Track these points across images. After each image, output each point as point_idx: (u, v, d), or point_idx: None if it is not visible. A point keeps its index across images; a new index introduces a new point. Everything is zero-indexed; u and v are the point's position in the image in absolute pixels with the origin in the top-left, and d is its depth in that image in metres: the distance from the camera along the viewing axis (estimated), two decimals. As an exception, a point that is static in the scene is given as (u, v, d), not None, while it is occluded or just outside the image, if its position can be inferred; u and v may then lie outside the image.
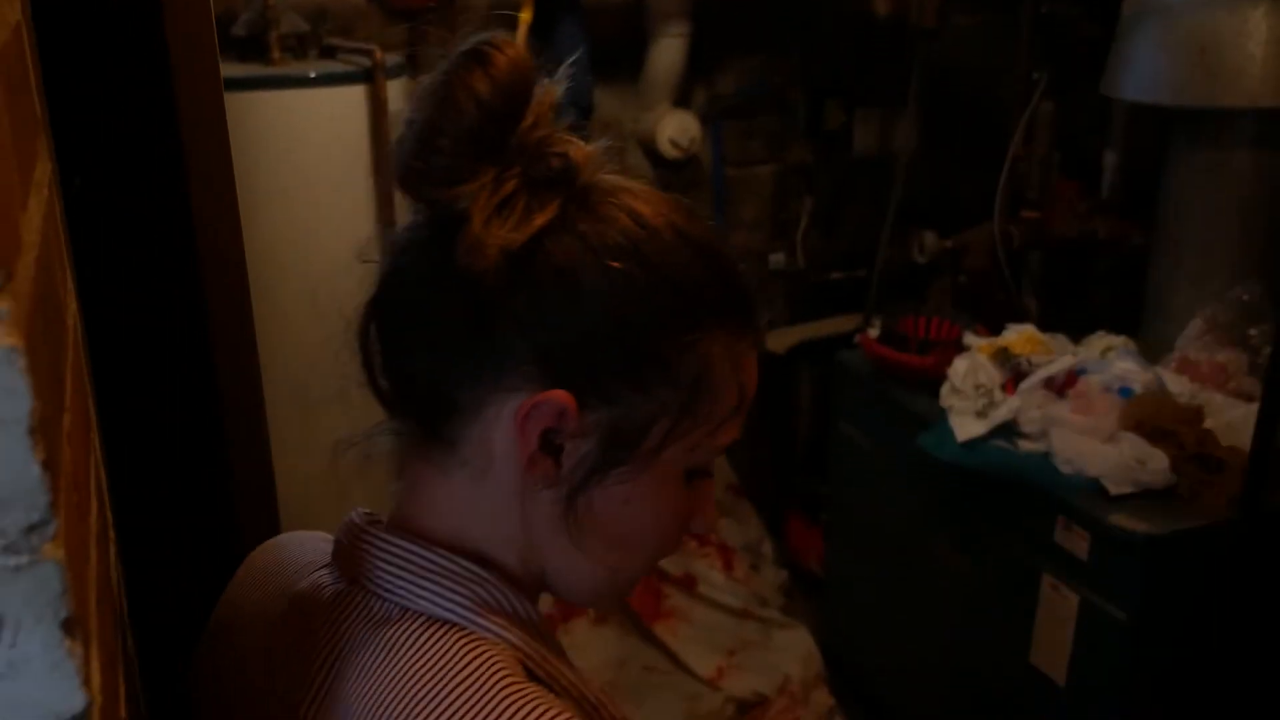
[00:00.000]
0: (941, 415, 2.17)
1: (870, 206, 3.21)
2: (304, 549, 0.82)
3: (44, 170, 0.62)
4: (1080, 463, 1.93)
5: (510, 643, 0.68)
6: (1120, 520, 1.85)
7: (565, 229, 0.67)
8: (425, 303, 0.70)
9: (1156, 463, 1.90)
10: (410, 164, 0.67)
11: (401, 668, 0.65)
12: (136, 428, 0.97)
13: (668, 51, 2.94)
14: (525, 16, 2.74)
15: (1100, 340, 2.27)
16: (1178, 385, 2.06)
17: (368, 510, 0.77)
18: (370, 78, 2.23)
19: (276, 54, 2.27)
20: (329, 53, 2.39)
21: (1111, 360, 2.13)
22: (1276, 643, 1.95)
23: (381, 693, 0.64)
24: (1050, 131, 2.69)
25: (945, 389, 2.21)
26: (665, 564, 2.95)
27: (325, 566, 0.76)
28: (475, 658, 0.64)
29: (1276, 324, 1.77)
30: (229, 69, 2.17)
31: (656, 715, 2.67)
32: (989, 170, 2.71)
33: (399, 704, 0.63)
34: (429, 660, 0.65)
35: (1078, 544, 1.92)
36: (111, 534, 0.78)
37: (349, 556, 0.73)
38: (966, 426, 2.10)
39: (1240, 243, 2.12)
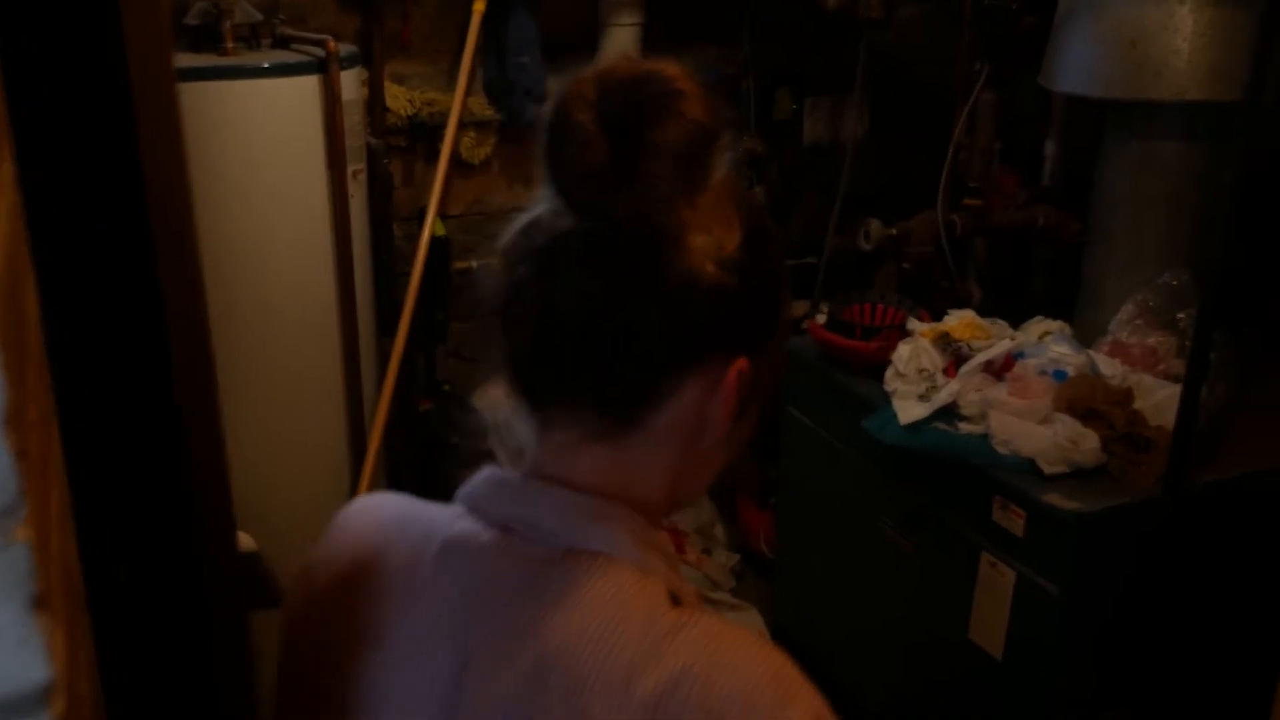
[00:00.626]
0: (886, 399, 2.23)
1: (820, 195, 3.27)
2: (414, 505, 0.89)
3: (7, 172, 0.65)
4: (1016, 444, 2.00)
5: (661, 572, 0.77)
6: (1054, 499, 1.92)
7: (746, 226, 0.76)
8: (626, 317, 0.73)
9: (1088, 443, 1.97)
10: (605, 181, 0.70)
11: (586, 599, 0.73)
12: (91, 415, 1.00)
13: (620, 40, 2.96)
14: (479, 6, 2.76)
15: (1038, 325, 2.33)
16: (1110, 368, 2.13)
17: (499, 468, 0.85)
18: (324, 68, 2.25)
19: (230, 44, 2.28)
20: (283, 43, 2.40)
21: (1048, 344, 2.20)
22: (1201, 612, 2.03)
23: (573, 621, 0.72)
24: (992, 121, 2.75)
25: (889, 373, 2.27)
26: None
27: (463, 516, 0.82)
28: (644, 589, 0.74)
29: (1201, 309, 1.84)
30: (182, 59, 2.19)
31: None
32: (933, 159, 2.77)
33: (593, 628, 0.72)
34: (608, 591, 0.74)
35: (1014, 522, 1.99)
36: (70, 518, 0.81)
37: (498, 506, 0.81)
38: (909, 410, 2.16)
39: (1169, 231, 2.19)
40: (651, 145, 0.70)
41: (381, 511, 0.90)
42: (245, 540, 2.21)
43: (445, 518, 0.83)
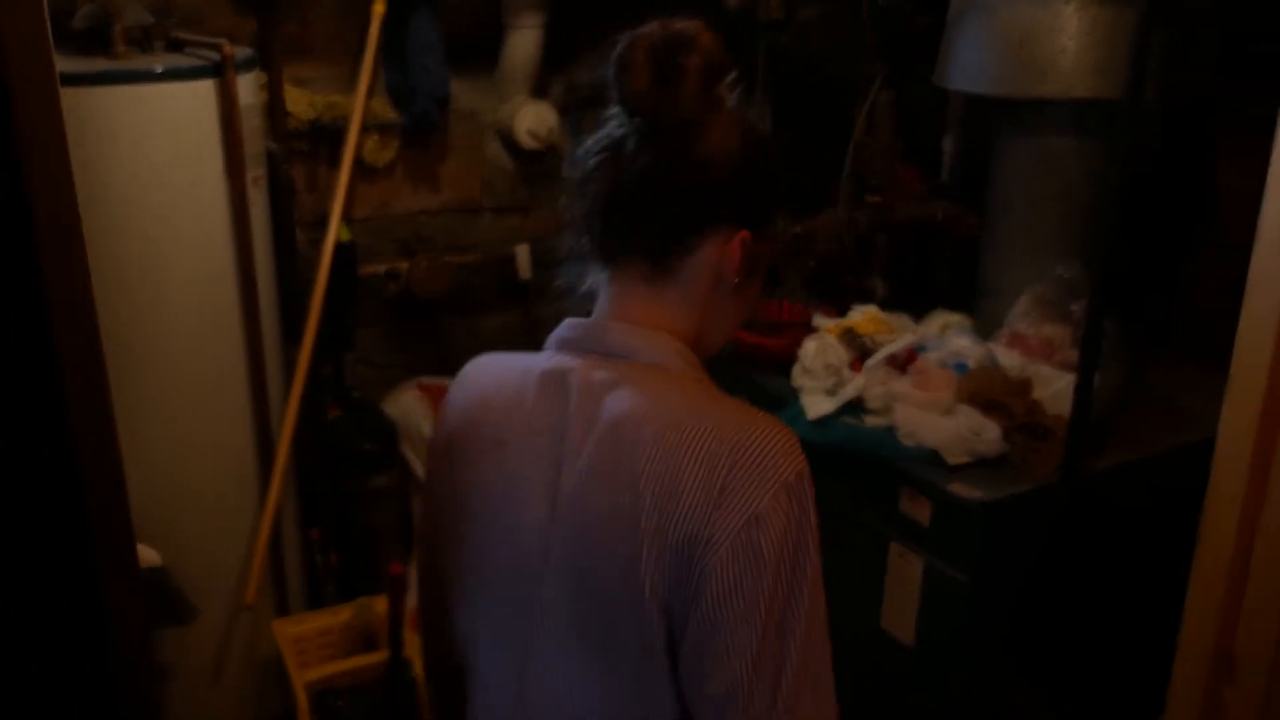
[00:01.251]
0: (794, 395, 2.26)
1: (726, 194, 3.29)
2: (512, 355, 1.21)
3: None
4: (920, 435, 2.04)
5: (694, 374, 1.11)
6: (958, 488, 1.97)
7: (747, 133, 1.10)
8: (668, 176, 1.07)
9: (989, 433, 2.02)
10: (647, 92, 1.06)
11: (647, 386, 1.07)
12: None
13: (523, 42, 2.96)
14: (379, 9, 2.73)
15: (939, 318, 2.38)
16: (1009, 359, 2.18)
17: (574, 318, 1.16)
18: (220, 72, 2.20)
19: (120, 47, 2.22)
20: (176, 46, 2.35)
21: (949, 337, 2.25)
22: (1101, 593, 2.10)
23: (635, 398, 1.05)
24: (891, 120, 2.80)
25: (796, 369, 2.30)
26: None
27: (554, 354, 1.15)
28: (684, 380, 1.09)
29: (1091, 300, 1.90)
30: (69, 63, 2.13)
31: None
32: (835, 157, 2.81)
33: (647, 400, 1.05)
34: (661, 382, 1.08)
35: (920, 512, 2.03)
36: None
37: (578, 338, 1.14)
38: (817, 405, 2.19)
39: (1061, 225, 2.25)
40: (680, 68, 1.06)
41: (491, 363, 1.22)
42: (151, 556, 2.17)
43: (541, 357, 1.16)
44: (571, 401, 1.09)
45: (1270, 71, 1.74)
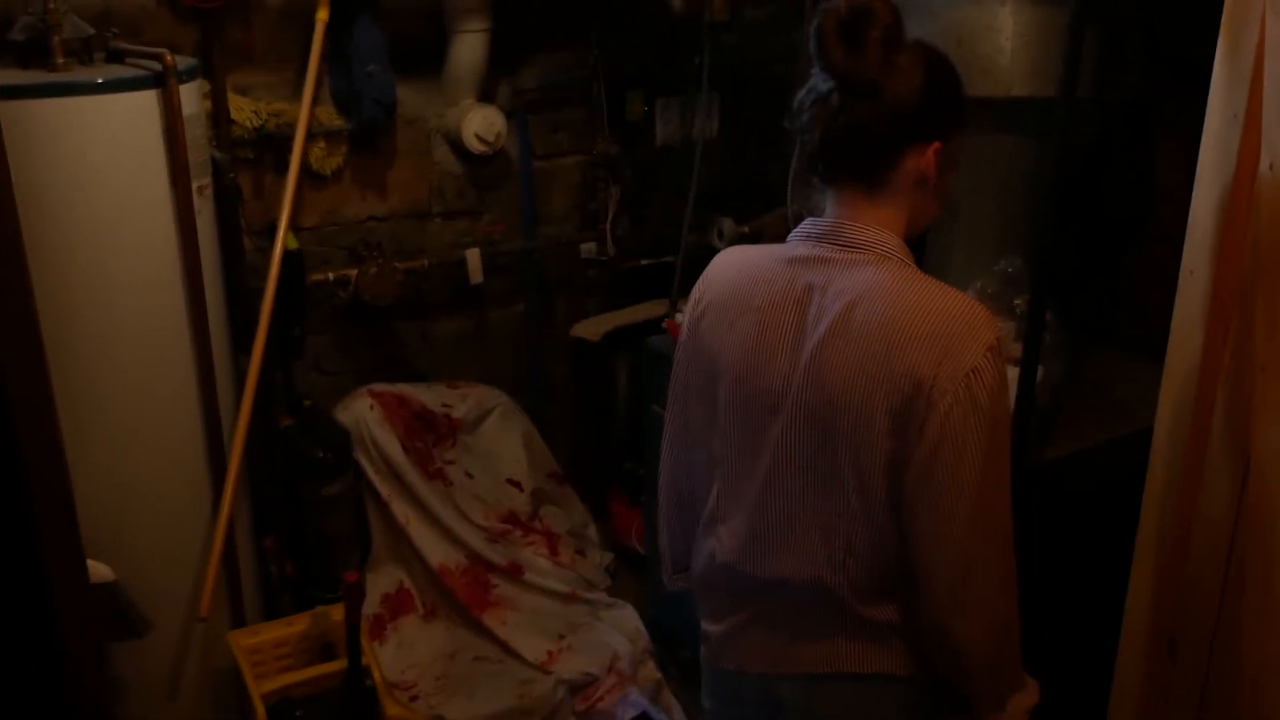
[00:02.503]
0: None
1: (675, 195, 3.32)
2: (757, 247, 1.54)
3: None
4: (869, 431, 2.07)
5: (909, 260, 1.43)
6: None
7: (928, 66, 1.38)
8: (866, 122, 1.36)
9: (936, 427, 2.05)
10: (842, 59, 1.34)
11: (879, 269, 1.39)
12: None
13: (468, 47, 2.96)
14: (322, 15, 2.72)
15: (886, 315, 2.41)
16: (954, 354, 2.21)
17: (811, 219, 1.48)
18: (162, 82, 2.18)
19: (60, 59, 2.19)
20: (117, 57, 2.32)
21: (895, 333, 2.27)
22: (1046, 583, 2.14)
23: (871, 277, 1.37)
24: (836, 119, 2.83)
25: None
26: (491, 554, 2.99)
27: (802, 244, 1.45)
28: (905, 265, 1.41)
29: (1032, 294, 1.94)
30: (8, 76, 2.11)
31: (489, 704, 2.72)
32: (783, 156, 2.84)
33: (878, 281, 1.37)
34: (891, 267, 1.39)
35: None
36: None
37: (819, 233, 1.44)
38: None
39: (1002, 220, 2.29)
40: (864, 39, 1.33)
41: (743, 252, 1.55)
42: (103, 570, 2.15)
43: (786, 246, 1.47)
44: (818, 278, 1.41)
45: (1196, 72, 1.79)
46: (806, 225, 1.46)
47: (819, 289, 1.40)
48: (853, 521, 1.39)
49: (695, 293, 1.56)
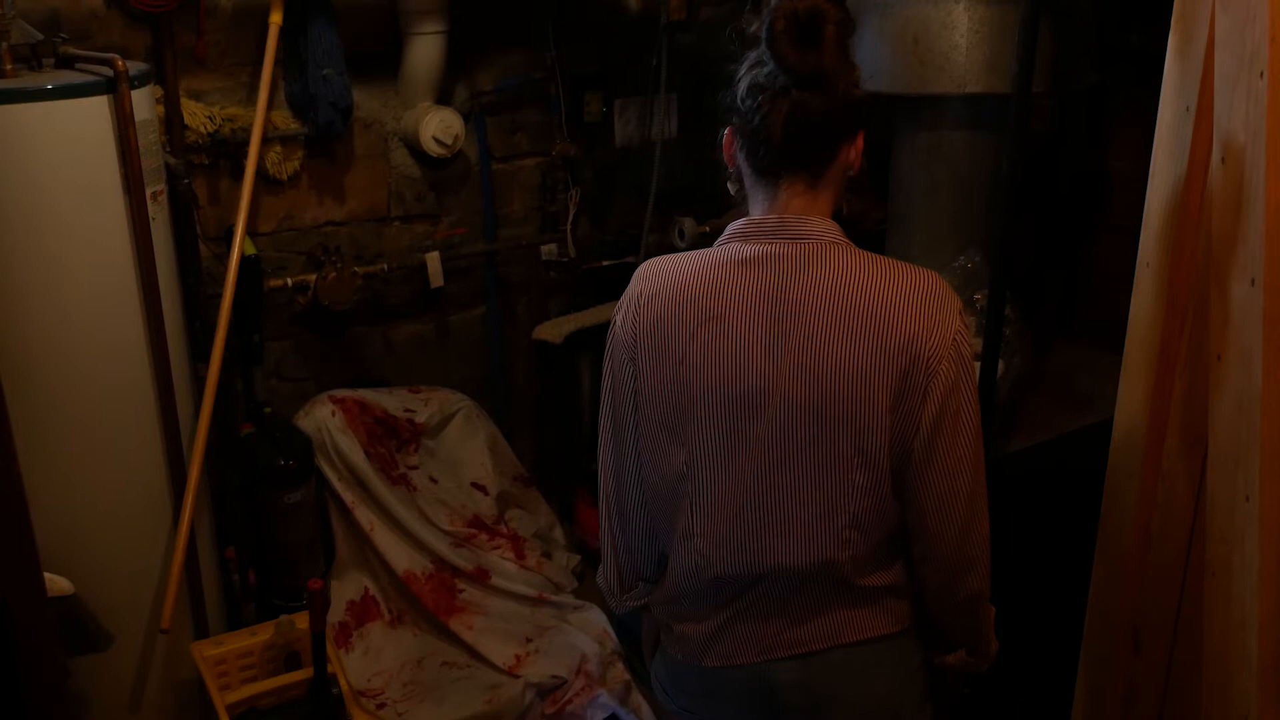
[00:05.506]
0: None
1: (635, 195, 3.32)
2: (684, 255, 1.53)
3: None
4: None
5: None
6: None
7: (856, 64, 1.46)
8: (825, 115, 1.40)
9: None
10: (800, 57, 1.37)
11: (834, 258, 1.43)
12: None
13: (425, 49, 2.94)
14: (275, 19, 2.70)
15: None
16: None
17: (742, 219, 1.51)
18: (113, 88, 2.15)
19: (8, 66, 2.16)
20: (67, 62, 2.29)
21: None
22: (1011, 575, 2.15)
23: (830, 267, 1.42)
24: (794, 117, 2.84)
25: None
26: (457, 559, 2.98)
27: (736, 245, 1.48)
28: (852, 249, 1.47)
29: (992, 287, 1.95)
30: (-46, 84, 2.07)
31: (457, 710, 2.70)
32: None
33: (835, 269, 1.42)
34: (846, 253, 1.45)
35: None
36: None
37: (762, 231, 1.46)
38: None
39: (960, 215, 2.31)
40: (817, 36, 1.37)
41: (671, 262, 1.52)
42: (62, 584, 2.12)
43: (721, 250, 1.49)
44: (777, 275, 1.44)
45: (1146, 63, 1.81)
46: (742, 225, 1.49)
47: (782, 286, 1.43)
48: (859, 499, 1.44)
49: (629, 309, 1.54)
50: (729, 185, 1.55)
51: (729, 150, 1.53)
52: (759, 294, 1.44)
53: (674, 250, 2.95)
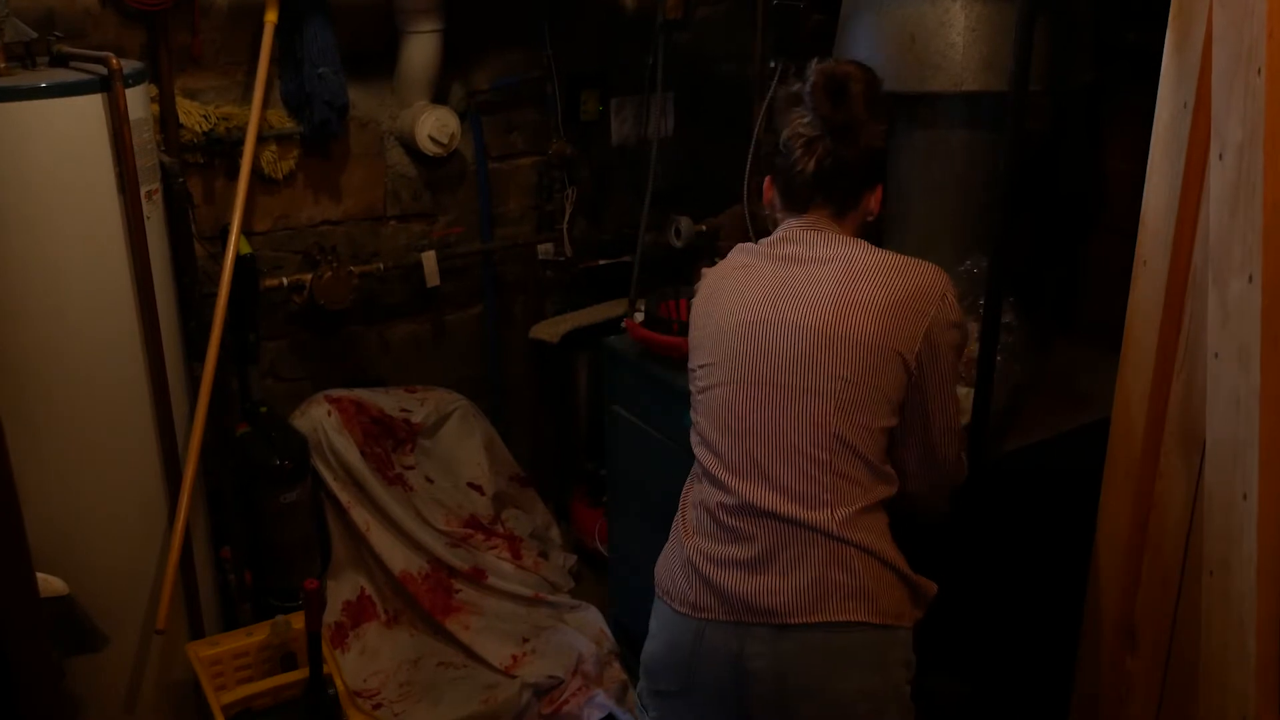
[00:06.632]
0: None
1: (631, 194, 3.32)
2: (740, 251, 1.87)
3: None
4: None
5: None
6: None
7: (884, 123, 1.78)
8: (852, 160, 1.72)
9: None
10: (832, 109, 1.70)
11: (868, 252, 1.73)
12: None
13: (421, 48, 2.94)
14: (271, 17, 2.69)
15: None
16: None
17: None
18: (108, 86, 2.15)
19: (2, 64, 2.15)
20: (61, 61, 2.28)
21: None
22: (1009, 575, 2.16)
23: (872, 258, 1.71)
24: (791, 116, 2.83)
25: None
26: (454, 559, 2.97)
27: (782, 244, 1.79)
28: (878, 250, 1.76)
29: (990, 290, 1.95)
30: (-52, 82, 2.06)
31: (454, 710, 2.70)
32: (737, 154, 2.84)
33: (884, 259, 1.71)
34: (870, 249, 1.74)
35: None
36: None
37: (802, 235, 1.77)
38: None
39: (960, 216, 2.30)
40: (845, 93, 1.70)
41: (727, 261, 1.87)
42: (56, 584, 2.11)
43: (762, 246, 1.81)
44: (803, 265, 1.73)
45: (1144, 60, 1.81)
46: (783, 228, 1.80)
47: (814, 271, 1.72)
48: (845, 432, 1.67)
49: (702, 287, 1.90)
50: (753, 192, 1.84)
51: (768, 196, 1.83)
52: (781, 280, 1.74)
53: (670, 249, 2.94)
